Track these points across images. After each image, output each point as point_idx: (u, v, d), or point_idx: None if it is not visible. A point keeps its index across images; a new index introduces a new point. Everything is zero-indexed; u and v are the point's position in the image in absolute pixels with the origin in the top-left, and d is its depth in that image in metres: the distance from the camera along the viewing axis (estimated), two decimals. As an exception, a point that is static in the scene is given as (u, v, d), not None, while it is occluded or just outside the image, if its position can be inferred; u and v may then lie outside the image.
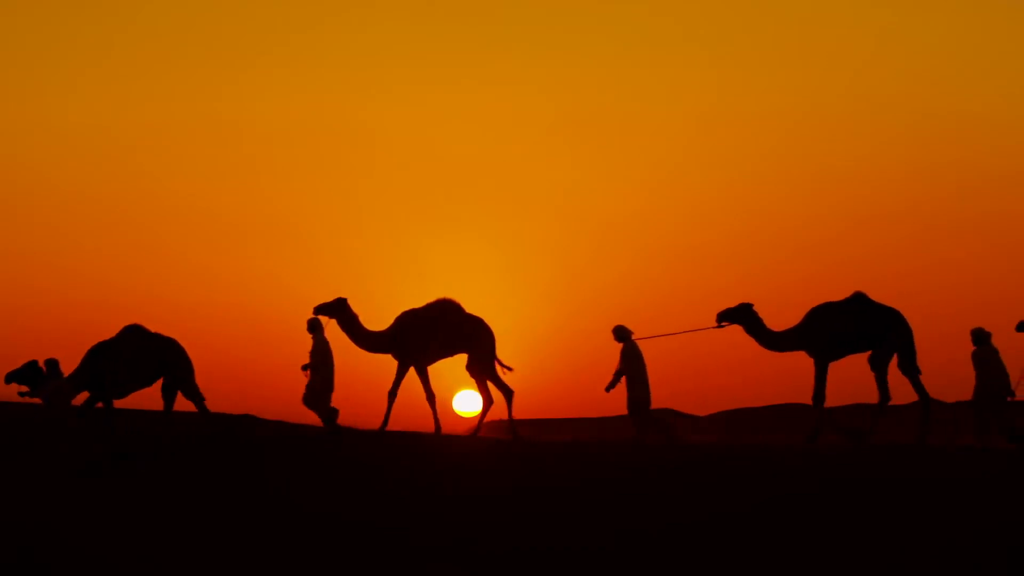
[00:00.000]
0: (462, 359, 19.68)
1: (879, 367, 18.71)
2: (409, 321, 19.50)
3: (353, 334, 19.43)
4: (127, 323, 19.30)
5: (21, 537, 9.27)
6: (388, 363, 19.63)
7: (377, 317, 19.77)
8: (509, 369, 19.47)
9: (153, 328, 19.31)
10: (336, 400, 19.02)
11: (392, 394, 19.24)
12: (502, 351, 19.81)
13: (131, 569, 8.16)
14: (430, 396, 19.42)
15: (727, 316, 19.30)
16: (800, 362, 19.02)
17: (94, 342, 19.11)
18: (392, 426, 19.41)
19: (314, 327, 18.80)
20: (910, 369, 18.69)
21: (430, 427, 19.56)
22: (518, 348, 19.94)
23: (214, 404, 19.21)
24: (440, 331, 19.44)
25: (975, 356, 17.87)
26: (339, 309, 19.35)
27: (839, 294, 19.30)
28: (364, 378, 19.65)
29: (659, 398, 18.81)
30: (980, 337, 17.88)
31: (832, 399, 18.85)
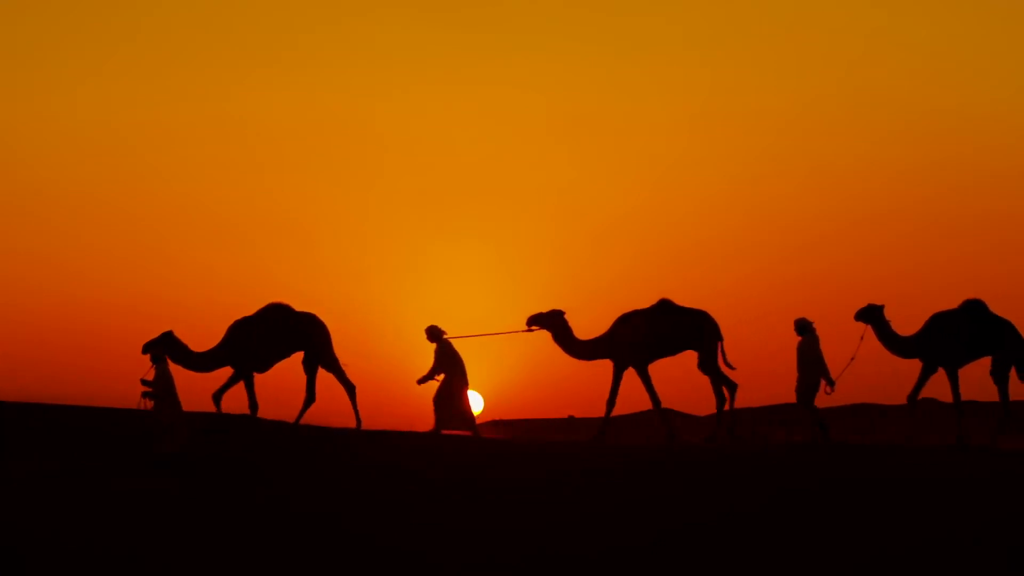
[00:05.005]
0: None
1: (706, 371, 18.74)
2: (242, 330, 19.46)
3: (186, 362, 19.22)
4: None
5: (21, 537, 9.28)
6: (372, 367, 19.59)
7: (378, 315, 19.76)
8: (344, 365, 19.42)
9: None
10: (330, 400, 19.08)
11: (217, 397, 19.08)
12: (508, 350, 19.78)
13: (131, 569, 8.16)
14: (253, 406, 19.33)
15: (537, 320, 19.26)
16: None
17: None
18: (390, 426, 19.42)
19: (156, 358, 18.28)
20: (711, 369, 18.70)
21: (427, 426, 19.56)
22: (518, 347, 19.89)
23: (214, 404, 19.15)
24: (274, 335, 19.41)
25: (799, 347, 17.90)
26: (165, 344, 18.94)
27: (838, 294, 19.33)
28: (369, 380, 19.58)
29: (659, 397, 18.77)
30: (803, 327, 17.90)
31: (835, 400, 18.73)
